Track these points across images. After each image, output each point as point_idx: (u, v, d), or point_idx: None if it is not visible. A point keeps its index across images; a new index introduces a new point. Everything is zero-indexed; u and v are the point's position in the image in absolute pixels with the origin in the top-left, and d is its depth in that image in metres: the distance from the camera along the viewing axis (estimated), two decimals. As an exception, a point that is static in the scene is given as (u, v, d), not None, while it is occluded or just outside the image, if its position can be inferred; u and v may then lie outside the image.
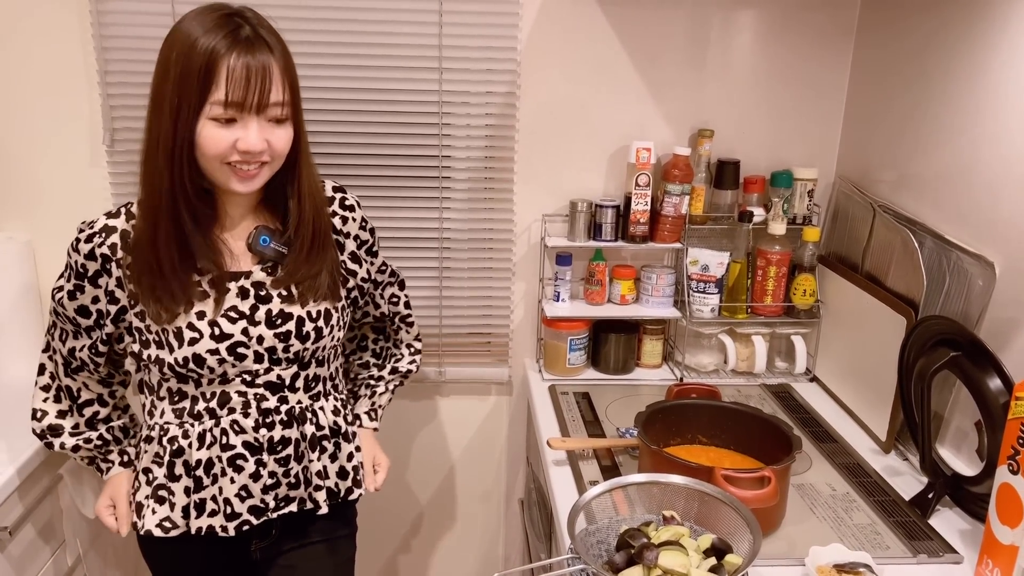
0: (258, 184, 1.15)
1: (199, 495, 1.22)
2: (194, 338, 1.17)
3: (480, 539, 2.10)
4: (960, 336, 1.29)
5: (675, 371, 1.86)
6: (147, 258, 1.14)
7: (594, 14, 1.74)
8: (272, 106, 1.10)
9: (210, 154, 1.10)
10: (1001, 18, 1.32)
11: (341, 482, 1.30)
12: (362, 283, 1.33)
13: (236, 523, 1.23)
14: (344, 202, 1.29)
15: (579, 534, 1.07)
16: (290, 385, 1.23)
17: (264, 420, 1.22)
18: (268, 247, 1.20)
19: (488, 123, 1.78)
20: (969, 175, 1.40)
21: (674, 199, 1.74)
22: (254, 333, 1.19)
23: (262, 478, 1.22)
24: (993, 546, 1.08)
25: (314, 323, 1.22)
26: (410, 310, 1.48)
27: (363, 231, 1.32)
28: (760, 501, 1.13)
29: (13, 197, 1.76)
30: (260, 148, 1.10)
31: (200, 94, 1.07)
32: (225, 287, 1.18)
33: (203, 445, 1.21)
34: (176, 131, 1.09)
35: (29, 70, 1.69)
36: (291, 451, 1.24)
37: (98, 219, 1.19)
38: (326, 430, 1.27)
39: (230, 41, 1.07)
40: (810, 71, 1.80)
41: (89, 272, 1.18)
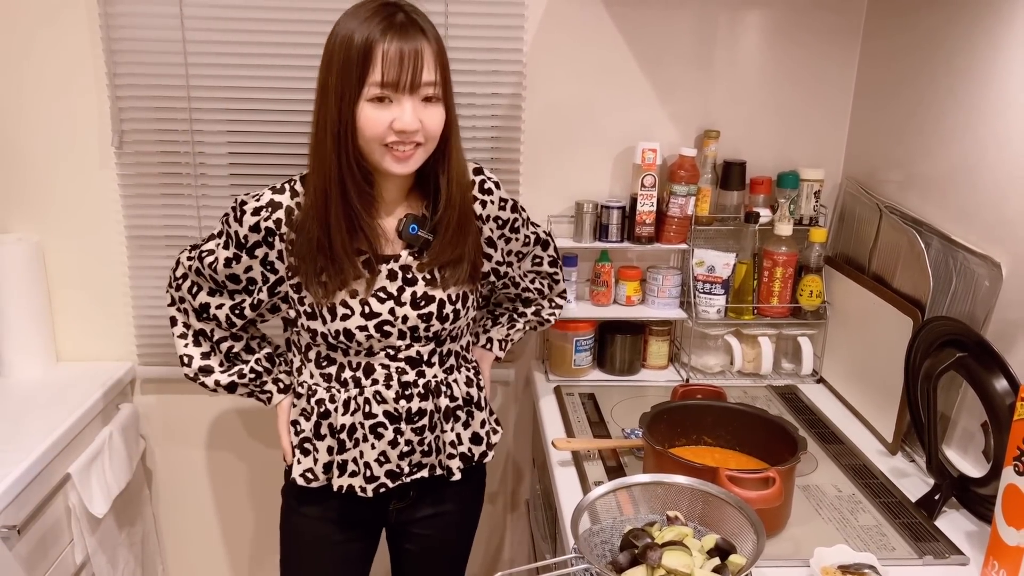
0: (413, 165, 1.20)
1: (342, 456, 1.30)
2: (346, 314, 1.24)
3: (486, 540, 2.10)
4: (967, 337, 1.28)
5: (681, 372, 1.86)
6: (318, 238, 1.20)
7: (600, 15, 1.74)
8: (425, 86, 1.15)
9: (369, 135, 1.16)
10: (1008, 18, 1.32)
11: (475, 447, 1.37)
12: (497, 266, 1.37)
13: (374, 485, 1.30)
14: (483, 185, 1.31)
15: (583, 534, 1.07)
16: (427, 360, 1.30)
17: (404, 392, 1.29)
18: (416, 235, 1.25)
19: (494, 124, 1.78)
20: (976, 175, 1.40)
21: (680, 200, 1.74)
22: (400, 313, 1.25)
23: (399, 445, 1.29)
24: (999, 548, 1.08)
25: (453, 305, 1.28)
26: (556, 268, 1.50)
27: (503, 211, 1.34)
28: (765, 502, 1.13)
29: (23, 199, 1.77)
30: (415, 127, 1.15)
31: (359, 78, 1.13)
32: (377, 269, 1.25)
33: (348, 411, 1.28)
34: (341, 115, 1.15)
35: (38, 72, 1.70)
36: (426, 421, 1.31)
37: (263, 193, 1.25)
38: (459, 401, 1.34)
39: (385, 26, 1.13)
40: (816, 72, 1.80)
41: (249, 243, 1.24)
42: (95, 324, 1.84)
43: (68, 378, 1.77)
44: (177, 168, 1.75)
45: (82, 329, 1.85)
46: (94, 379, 1.76)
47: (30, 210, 1.78)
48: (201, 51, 1.68)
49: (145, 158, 1.74)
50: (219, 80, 1.70)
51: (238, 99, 1.72)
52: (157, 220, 1.78)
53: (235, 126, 1.74)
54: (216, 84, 1.70)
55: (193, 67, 1.69)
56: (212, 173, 1.76)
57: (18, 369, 1.76)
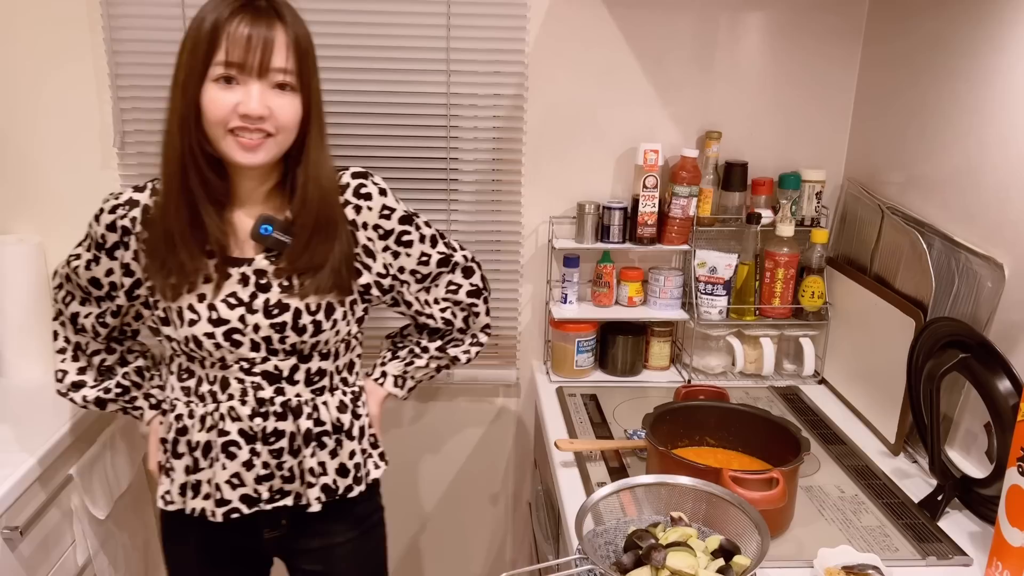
0: (262, 157, 1.12)
1: (195, 476, 1.22)
2: (192, 319, 1.17)
3: (488, 541, 2.10)
4: (969, 338, 1.28)
5: (683, 373, 1.86)
6: (161, 230, 1.15)
7: (601, 16, 1.74)
8: (275, 71, 1.09)
9: (212, 118, 1.09)
10: (1010, 18, 1.32)
11: (340, 479, 1.27)
12: (379, 279, 1.27)
13: (224, 509, 1.22)
14: (360, 190, 1.23)
15: (587, 535, 1.07)
16: (288, 377, 1.21)
17: (259, 409, 1.20)
18: (269, 236, 1.17)
19: (496, 125, 1.78)
20: (978, 176, 1.40)
21: (682, 201, 1.74)
22: (251, 321, 1.17)
23: (255, 467, 1.21)
24: (1003, 548, 1.08)
25: (312, 316, 1.19)
26: (476, 299, 1.37)
27: (386, 220, 1.25)
28: (768, 503, 1.13)
29: (24, 199, 1.77)
30: (260, 112, 1.08)
31: (205, 58, 1.08)
32: (227, 272, 1.18)
33: (204, 427, 1.21)
34: (185, 98, 1.09)
35: (40, 73, 1.70)
36: (285, 444, 1.22)
37: (124, 191, 1.20)
38: (327, 426, 1.24)
39: (235, 7, 1.08)
40: (818, 73, 1.80)
41: (107, 244, 1.20)
42: (97, 325, 1.84)
43: (70, 379, 1.76)
44: (179, 169, 1.75)
45: (84, 330, 1.84)
46: (96, 380, 1.75)
47: (32, 211, 1.78)
48: None
49: (147, 159, 1.74)
50: (221, 81, 1.70)
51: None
52: (159, 221, 1.78)
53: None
54: (218, 85, 1.70)
55: (195, 68, 1.69)
56: (214, 174, 1.76)
57: (19, 370, 1.75)
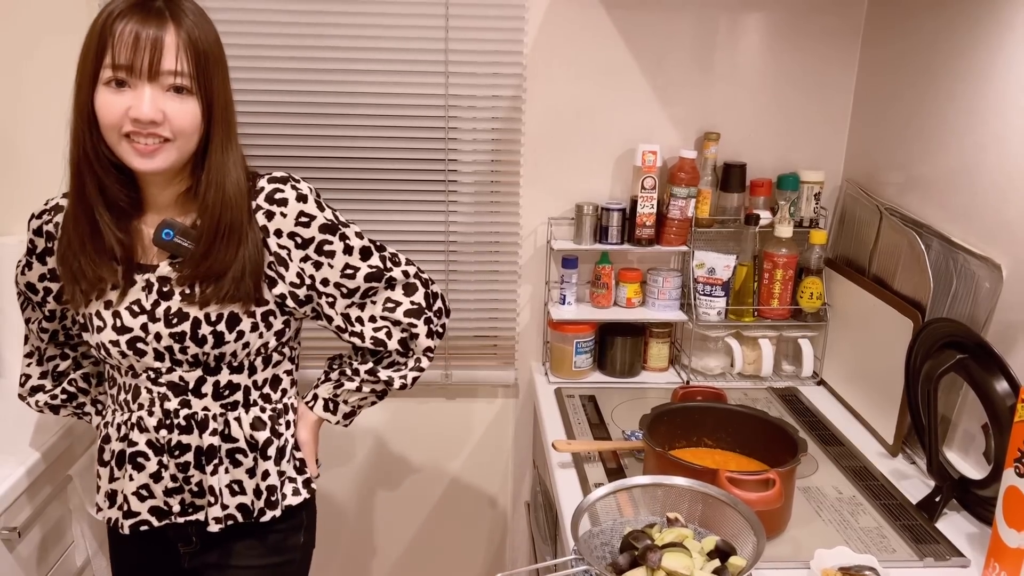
0: (160, 163, 1.08)
1: (111, 485, 1.22)
2: (99, 326, 1.16)
3: (486, 542, 2.10)
4: (967, 338, 1.28)
5: (681, 374, 1.86)
6: (66, 236, 1.14)
7: (600, 17, 1.74)
8: (167, 74, 1.05)
9: (106, 123, 1.06)
10: (1007, 19, 1.32)
11: (256, 500, 1.22)
12: (293, 289, 1.18)
13: (132, 521, 1.20)
14: (275, 195, 1.16)
15: (583, 536, 1.07)
16: (194, 389, 1.17)
17: (165, 421, 1.18)
18: (170, 241, 1.13)
19: (494, 127, 1.78)
20: (976, 177, 1.40)
21: (680, 202, 1.74)
22: (152, 330, 1.15)
23: (163, 480, 1.19)
24: (1000, 550, 1.08)
25: (212, 327, 1.14)
26: (415, 318, 1.26)
27: (303, 227, 1.17)
28: (765, 503, 1.13)
29: (24, 200, 1.77)
30: (151, 116, 1.04)
31: (95, 61, 1.05)
32: (132, 279, 1.16)
33: (119, 436, 1.20)
34: (78, 102, 1.07)
35: (40, 74, 1.71)
36: (191, 458, 1.19)
37: (55, 197, 1.21)
38: (240, 443, 1.19)
39: (126, 7, 1.04)
40: (816, 74, 1.80)
41: (37, 249, 1.21)
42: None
43: (69, 380, 1.76)
44: (178, 170, 1.75)
45: (83, 331, 1.85)
46: (95, 381, 1.75)
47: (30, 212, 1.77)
48: None
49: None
50: (220, 82, 1.70)
51: (239, 102, 1.71)
52: (158, 222, 1.78)
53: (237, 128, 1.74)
54: (217, 86, 1.71)
55: (194, 70, 1.69)
56: (213, 175, 1.76)
57: (18, 371, 1.75)
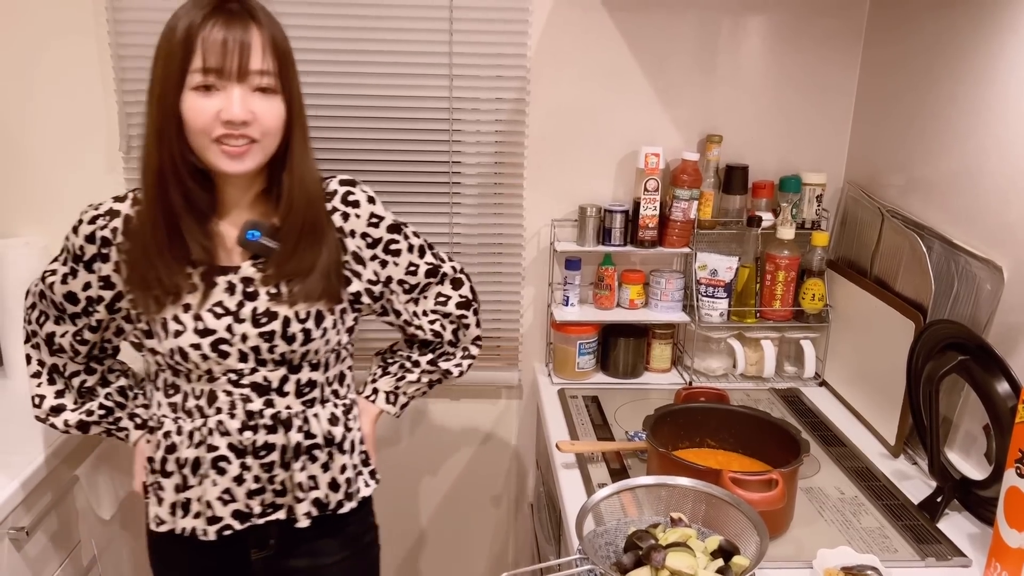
0: (249, 164, 1.09)
1: (185, 494, 1.19)
2: (178, 330, 1.13)
3: (490, 542, 2.11)
4: (968, 340, 1.29)
5: (684, 375, 1.86)
6: (140, 243, 1.12)
7: (603, 20, 1.75)
8: (254, 74, 1.06)
9: (195, 128, 1.06)
10: (1009, 21, 1.33)
11: (332, 494, 1.23)
12: (370, 285, 1.25)
13: (217, 527, 1.19)
14: (348, 197, 1.21)
15: (587, 535, 1.08)
16: (278, 388, 1.18)
17: (249, 423, 1.17)
18: (256, 242, 1.14)
19: (498, 129, 1.79)
20: (977, 179, 1.40)
21: (683, 204, 1.75)
22: (238, 331, 1.14)
23: (246, 482, 1.18)
24: (1001, 550, 1.09)
25: (301, 324, 1.16)
26: (466, 311, 1.35)
27: (374, 228, 1.23)
28: (768, 504, 1.14)
29: (30, 202, 1.79)
30: (243, 117, 1.05)
31: (181, 66, 1.05)
32: (213, 281, 1.15)
33: (192, 443, 1.18)
34: (162, 109, 1.07)
35: (47, 77, 1.72)
36: (276, 457, 1.19)
37: (104, 202, 1.17)
38: (318, 439, 1.21)
39: (208, 11, 1.05)
40: (818, 76, 1.81)
41: (86, 256, 1.16)
42: (102, 327, 1.85)
43: (75, 381, 1.77)
44: (183, 172, 1.76)
45: (89, 332, 1.85)
46: (101, 382, 1.76)
47: (37, 214, 1.79)
48: None
49: (152, 163, 1.75)
50: (225, 85, 1.71)
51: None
52: (163, 224, 1.78)
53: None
54: (222, 89, 1.72)
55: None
56: (218, 177, 1.77)
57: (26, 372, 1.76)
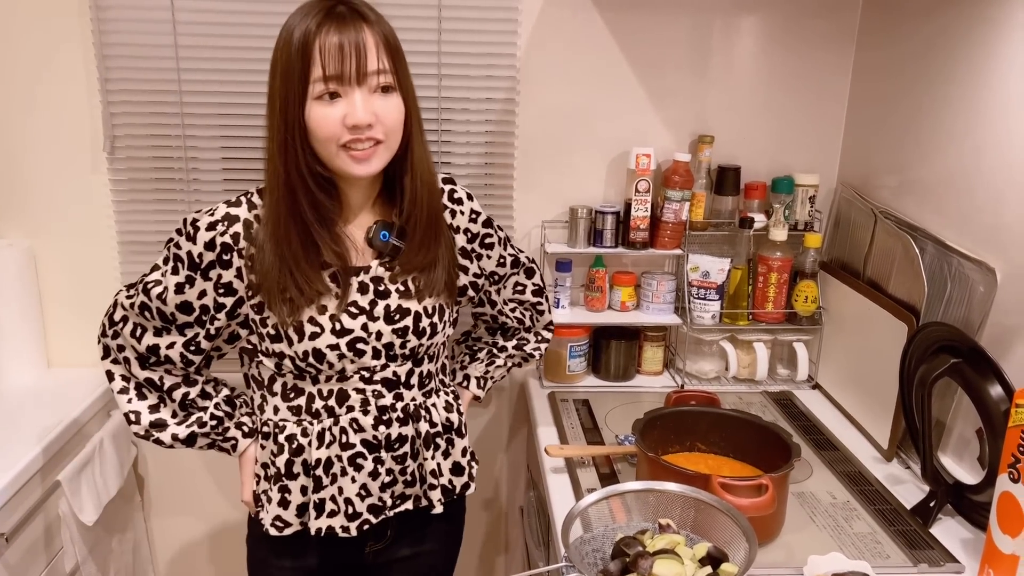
0: (376, 166, 1.12)
1: (318, 495, 1.19)
2: (315, 332, 1.14)
3: (481, 547, 2.09)
4: (961, 343, 1.28)
5: (676, 378, 1.85)
6: (275, 256, 1.12)
7: (593, 20, 1.74)
8: (372, 74, 1.07)
9: (322, 136, 1.08)
10: (1002, 23, 1.31)
11: (456, 478, 1.29)
12: (475, 278, 1.30)
13: (357, 523, 1.21)
14: (453, 195, 1.26)
15: (574, 542, 1.06)
16: (405, 382, 1.22)
17: (382, 417, 1.20)
18: (387, 242, 1.18)
19: (488, 130, 1.78)
20: (971, 181, 1.39)
21: (674, 205, 1.74)
22: (373, 329, 1.17)
23: (380, 476, 1.21)
24: (994, 555, 1.07)
25: (430, 319, 1.21)
26: (540, 297, 1.42)
27: (473, 224, 1.28)
28: (757, 509, 1.12)
29: (14, 204, 1.77)
30: (368, 119, 1.07)
31: (302, 77, 1.06)
32: (348, 282, 1.17)
33: (323, 444, 1.19)
34: (286, 120, 1.08)
35: (30, 77, 1.70)
36: (407, 448, 1.22)
37: (217, 207, 1.16)
38: (439, 427, 1.26)
39: (321, 19, 1.06)
40: (811, 77, 1.79)
41: (204, 263, 1.13)
42: (86, 330, 1.82)
43: (59, 384, 1.76)
44: (170, 174, 1.75)
45: (73, 335, 1.83)
46: (85, 385, 1.74)
47: (21, 215, 1.77)
48: (193, 56, 1.68)
49: (137, 163, 1.74)
50: (211, 85, 1.70)
51: (231, 104, 1.72)
52: (149, 226, 1.77)
53: (228, 131, 1.73)
54: (208, 89, 1.70)
55: (185, 72, 1.68)
56: (205, 179, 1.75)
57: (9, 375, 1.75)
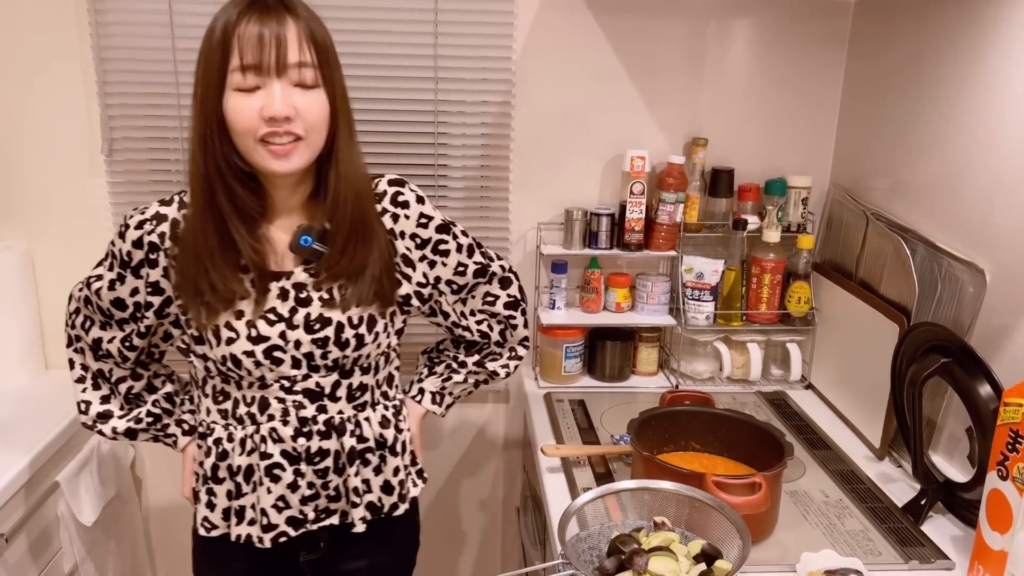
0: (296, 163, 1.07)
1: (239, 501, 1.18)
2: (231, 338, 1.12)
3: (477, 546, 2.10)
4: (951, 343, 1.29)
5: (671, 379, 1.86)
6: (191, 250, 1.10)
7: (588, 24, 1.75)
8: (293, 67, 1.03)
9: (239, 128, 1.04)
10: (991, 26, 1.33)
11: (385, 497, 1.23)
12: (419, 287, 1.22)
13: (272, 534, 1.18)
14: (398, 198, 1.18)
15: (570, 540, 1.08)
16: (330, 394, 1.17)
17: (302, 429, 1.16)
18: (309, 247, 1.12)
19: (483, 132, 1.79)
20: (960, 182, 1.41)
21: (669, 207, 1.75)
22: (291, 337, 1.13)
23: (300, 488, 1.17)
24: (984, 552, 1.09)
25: (355, 330, 1.14)
26: (514, 311, 1.32)
27: (423, 228, 1.20)
28: (751, 507, 1.14)
29: (12, 206, 1.77)
30: (285, 112, 1.03)
31: (221, 67, 1.03)
32: (266, 287, 1.13)
33: (244, 451, 1.16)
34: (205, 111, 1.05)
35: (27, 79, 1.70)
36: (330, 463, 1.18)
37: (150, 206, 1.14)
38: (370, 442, 1.20)
39: (243, 8, 1.03)
40: (803, 80, 1.81)
41: (133, 261, 1.13)
42: (85, 332, 1.83)
43: (57, 386, 1.76)
44: (167, 176, 1.75)
45: (72, 337, 1.84)
46: (83, 387, 1.75)
47: (19, 218, 1.78)
48: (191, 59, 1.65)
49: (135, 166, 1.74)
50: (209, 88, 1.71)
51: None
52: (147, 228, 1.78)
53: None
54: (206, 92, 1.71)
55: (183, 75, 1.69)
56: (202, 181, 1.76)
57: (7, 377, 1.75)
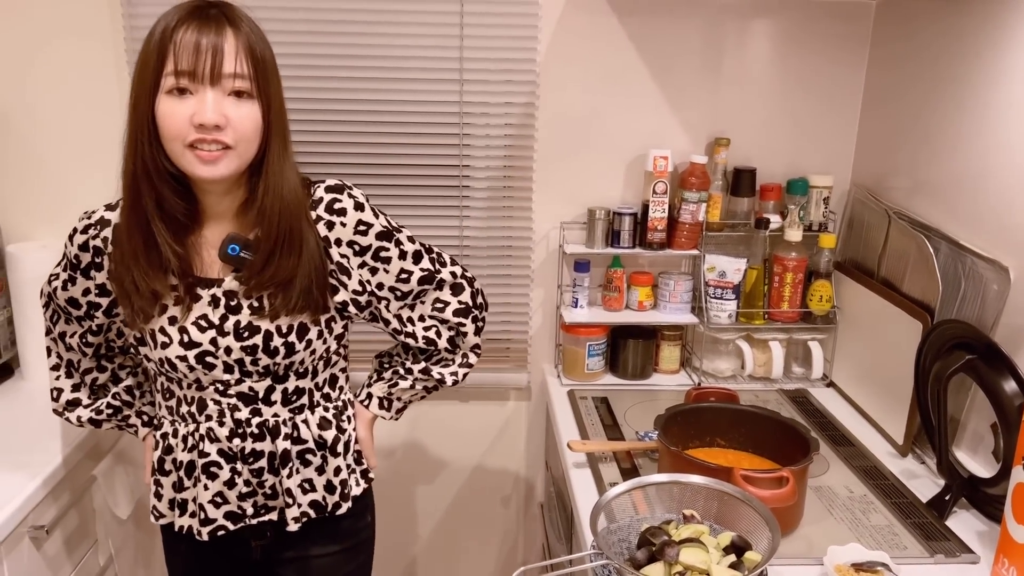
0: (223, 170, 1.07)
1: (181, 495, 1.22)
2: (164, 342, 1.15)
3: (500, 542, 2.12)
4: (976, 340, 1.30)
5: (693, 376, 1.88)
6: (119, 251, 1.13)
7: (611, 24, 1.77)
8: (228, 77, 1.04)
9: (169, 132, 1.05)
10: (1013, 25, 1.34)
11: (328, 496, 1.24)
12: (355, 295, 1.21)
13: (210, 528, 1.21)
14: (334, 205, 1.16)
15: (600, 532, 1.10)
16: (264, 398, 1.18)
17: (237, 431, 1.19)
18: (236, 256, 1.13)
19: (507, 133, 1.81)
20: (983, 181, 1.42)
21: (691, 206, 1.77)
22: (222, 344, 1.14)
23: (237, 486, 1.20)
24: (1009, 545, 1.10)
25: (284, 338, 1.15)
26: (464, 318, 1.29)
27: (361, 236, 1.18)
28: (778, 501, 1.15)
29: (47, 206, 1.81)
30: (215, 121, 1.03)
31: (155, 70, 1.04)
32: (197, 294, 1.15)
33: (186, 447, 1.20)
34: (136, 112, 1.06)
35: (61, 81, 1.74)
36: (264, 464, 1.20)
37: (97, 210, 1.18)
38: (310, 443, 1.21)
39: (184, 15, 1.04)
40: (825, 80, 1.82)
41: (82, 264, 1.18)
42: (116, 330, 1.87)
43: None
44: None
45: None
46: (116, 384, 1.78)
47: (53, 218, 1.81)
48: None
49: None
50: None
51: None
52: (178, 227, 1.81)
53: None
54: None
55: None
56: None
57: (43, 373, 1.78)
